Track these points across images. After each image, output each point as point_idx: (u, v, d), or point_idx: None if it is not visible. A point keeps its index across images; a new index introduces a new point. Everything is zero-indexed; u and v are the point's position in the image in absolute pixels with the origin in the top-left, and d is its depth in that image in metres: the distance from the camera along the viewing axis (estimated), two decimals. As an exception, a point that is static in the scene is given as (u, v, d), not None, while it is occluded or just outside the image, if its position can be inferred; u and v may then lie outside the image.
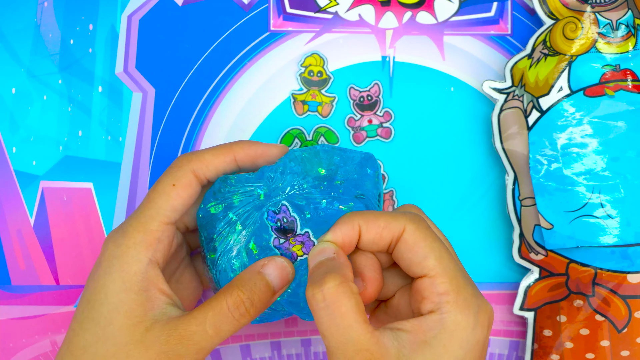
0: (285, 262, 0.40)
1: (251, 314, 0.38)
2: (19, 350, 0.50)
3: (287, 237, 0.41)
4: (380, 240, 0.38)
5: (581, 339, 0.49)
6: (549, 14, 0.49)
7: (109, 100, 0.51)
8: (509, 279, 0.51)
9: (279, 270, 0.39)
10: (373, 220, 0.38)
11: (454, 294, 0.36)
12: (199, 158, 0.40)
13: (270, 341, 0.51)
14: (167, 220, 0.39)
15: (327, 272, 0.36)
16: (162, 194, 0.39)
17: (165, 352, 0.37)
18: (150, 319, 0.38)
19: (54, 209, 0.50)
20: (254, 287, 0.39)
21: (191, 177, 0.40)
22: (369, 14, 0.51)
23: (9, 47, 0.51)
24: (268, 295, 0.39)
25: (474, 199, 0.51)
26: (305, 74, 0.51)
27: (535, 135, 0.48)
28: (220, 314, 0.38)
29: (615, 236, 0.47)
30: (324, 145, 0.43)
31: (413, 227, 0.37)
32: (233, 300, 0.38)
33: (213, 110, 0.51)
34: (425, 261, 0.36)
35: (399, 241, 0.37)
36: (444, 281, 0.36)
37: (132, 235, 0.39)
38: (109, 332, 0.38)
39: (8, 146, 0.51)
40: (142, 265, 0.39)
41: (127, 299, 0.38)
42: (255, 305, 0.38)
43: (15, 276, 0.50)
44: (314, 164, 0.42)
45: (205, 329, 0.38)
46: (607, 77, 0.48)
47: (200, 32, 0.51)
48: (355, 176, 0.42)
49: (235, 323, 0.38)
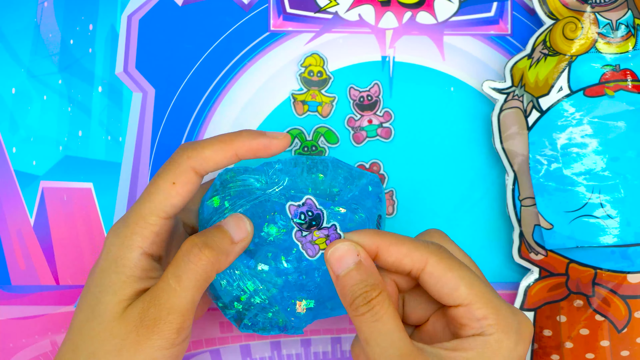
0: (243, 216, 0.40)
1: (207, 255, 0.38)
2: (19, 350, 0.50)
3: (310, 230, 0.40)
4: (399, 266, 0.38)
5: (581, 339, 0.49)
6: (548, 14, 0.49)
7: (109, 100, 0.51)
8: (509, 279, 0.51)
9: (235, 221, 0.40)
10: (395, 244, 0.37)
11: (494, 317, 0.36)
12: (199, 154, 0.40)
13: (270, 341, 0.51)
14: (165, 215, 0.40)
15: (365, 282, 0.36)
16: (162, 191, 0.40)
17: (141, 321, 0.38)
18: (133, 296, 0.39)
19: (54, 209, 0.50)
20: (209, 233, 0.39)
21: (191, 175, 0.40)
22: (369, 14, 0.51)
23: (9, 47, 0.51)
24: (225, 241, 0.39)
25: (474, 199, 0.51)
26: (305, 74, 0.51)
27: (535, 135, 0.48)
28: (177, 261, 0.38)
29: (615, 236, 0.47)
30: (334, 160, 0.43)
31: (436, 259, 0.37)
32: (187, 245, 0.38)
33: (213, 110, 0.51)
34: (457, 292, 0.36)
35: (424, 273, 0.37)
36: (480, 307, 0.36)
37: (131, 226, 0.40)
38: (97, 311, 0.39)
39: (8, 146, 0.51)
40: (136, 254, 0.39)
41: (117, 280, 0.39)
42: (210, 245, 0.38)
43: (15, 276, 0.50)
44: (326, 183, 0.42)
45: (168, 283, 0.38)
46: (607, 77, 0.48)
47: (200, 32, 0.51)
48: (357, 193, 0.42)
49: (192, 266, 0.38)
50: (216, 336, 0.50)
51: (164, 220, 0.40)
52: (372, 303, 0.36)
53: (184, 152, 0.40)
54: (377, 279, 0.37)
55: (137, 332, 0.38)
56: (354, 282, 0.37)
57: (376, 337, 0.35)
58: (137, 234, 0.39)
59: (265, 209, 0.41)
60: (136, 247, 0.39)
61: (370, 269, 0.37)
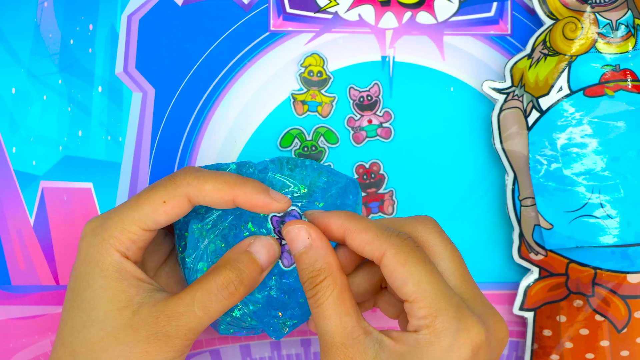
0: (272, 240, 0.40)
1: (240, 293, 0.38)
2: (19, 350, 0.50)
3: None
4: (361, 253, 0.38)
5: (581, 339, 0.49)
6: (548, 14, 0.49)
7: (109, 100, 0.51)
8: (509, 279, 0.51)
9: (266, 248, 0.40)
10: (361, 231, 0.37)
11: (431, 319, 0.36)
12: (199, 186, 0.39)
13: (270, 341, 0.51)
14: (146, 227, 0.39)
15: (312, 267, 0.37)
16: (151, 204, 0.39)
17: (154, 334, 0.38)
18: (136, 303, 0.38)
19: (54, 209, 0.50)
20: (242, 266, 0.39)
21: (184, 201, 0.39)
22: (369, 14, 0.51)
23: (9, 47, 0.51)
24: (256, 273, 0.39)
25: (474, 199, 0.51)
26: (305, 74, 0.51)
27: (535, 135, 0.48)
28: (209, 294, 0.38)
29: (615, 236, 0.47)
30: (313, 162, 0.43)
31: (393, 252, 0.37)
32: (222, 280, 0.38)
33: (213, 110, 0.51)
34: (404, 287, 0.36)
35: (381, 264, 0.37)
36: (422, 306, 0.36)
37: (109, 229, 0.39)
38: (94, 317, 0.38)
39: (8, 146, 0.51)
40: (116, 258, 0.39)
41: (107, 285, 0.39)
42: (245, 283, 0.39)
43: (15, 276, 0.50)
44: (297, 179, 0.42)
45: (193, 310, 0.38)
46: (607, 77, 0.48)
47: (200, 32, 0.51)
48: (338, 202, 0.42)
49: (225, 302, 0.38)
50: (216, 336, 0.50)
51: (144, 231, 0.40)
52: (317, 288, 0.37)
53: (185, 177, 0.40)
54: (325, 262, 0.37)
55: (147, 342, 0.38)
56: (303, 266, 0.37)
57: (318, 321, 0.36)
58: (114, 237, 0.39)
59: (243, 218, 0.41)
60: (113, 251, 0.39)
61: (320, 250, 0.37)
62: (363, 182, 0.51)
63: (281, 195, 0.40)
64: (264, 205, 0.39)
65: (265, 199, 0.39)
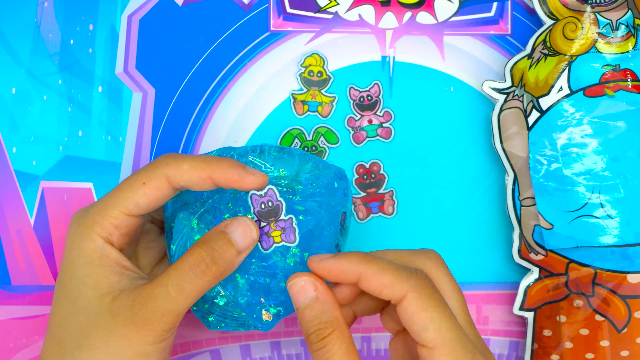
0: (249, 222, 0.40)
1: (213, 272, 0.38)
2: (19, 350, 0.50)
3: (268, 222, 0.41)
4: (379, 295, 0.37)
5: (581, 339, 0.49)
6: (548, 14, 0.49)
7: (109, 100, 0.51)
8: (509, 279, 0.51)
9: (243, 228, 0.39)
10: (377, 274, 0.37)
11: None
12: (177, 165, 0.39)
13: (270, 341, 0.51)
14: (128, 212, 0.40)
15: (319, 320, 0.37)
16: (131, 188, 0.40)
17: (130, 318, 0.38)
18: (117, 289, 0.39)
19: (54, 209, 0.50)
20: (216, 245, 0.39)
21: (163, 181, 0.40)
22: (369, 14, 0.51)
23: (9, 47, 0.51)
24: (231, 254, 0.39)
25: (474, 199, 0.51)
26: (305, 74, 0.51)
27: (535, 135, 0.48)
28: (182, 273, 0.38)
29: (615, 236, 0.47)
30: (299, 151, 0.43)
31: (414, 295, 0.36)
32: (194, 258, 0.38)
33: (213, 110, 0.51)
34: (424, 333, 0.36)
35: (400, 306, 0.37)
36: (442, 354, 0.36)
37: (92, 217, 0.40)
38: (79, 305, 0.39)
39: (8, 146, 0.51)
40: (98, 244, 0.39)
41: (90, 272, 0.39)
42: (217, 262, 0.38)
43: (15, 276, 0.50)
44: (278, 165, 0.42)
45: (167, 290, 0.38)
46: (607, 77, 0.48)
47: (200, 32, 0.51)
48: (322, 190, 0.42)
49: (197, 281, 0.38)
50: (216, 336, 0.50)
51: (126, 216, 0.40)
52: (325, 341, 0.36)
53: (163, 159, 0.40)
54: (332, 316, 0.37)
55: (125, 326, 0.38)
56: (309, 319, 0.37)
57: None
58: (97, 223, 0.39)
59: (223, 199, 0.41)
60: (96, 236, 0.39)
61: (326, 304, 0.37)
62: (363, 182, 0.51)
63: (258, 171, 0.40)
64: (240, 179, 0.39)
65: (240, 173, 0.39)
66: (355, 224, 0.50)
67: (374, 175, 0.51)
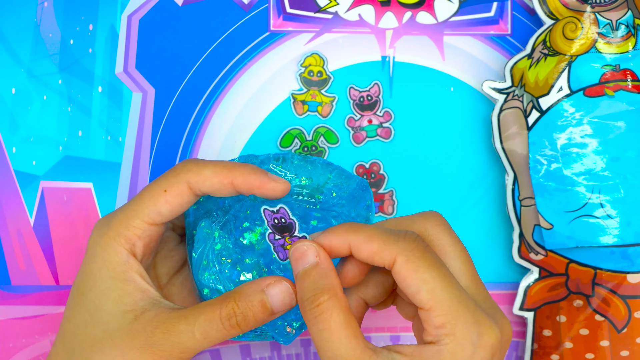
0: (291, 289, 0.38)
1: (242, 328, 0.38)
2: (18, 350, 0.50)
3: (283, 235, 0.40)
4: (372, 263, 0.36)
5: (581, 339, 0.49)
6: (548, 14, 0.49)
7: (109, 100, 0.51)
8: (509, 279, 0.51)
9: (283, 295, 0.38)
10: (366, 241, 0.36)
11: (450, 327, 0.35)
12: (199, 171, 0.39)
13: (270, 341, 0.51)
14: (151, 221, 0.39)
15: (315, 285, 0.35)
16: (152, 196, 0.39)
17: (149, 345, 0.37)
18: (140, 308, 0.38)
19: (54, 209, 0.50)
20: (251, 304, 0.37)
21: (184, 188, 0.39)
22: (369, 14, 0.51)
23: (9, 47, 0.51)
24: (264, 315, 0.38)
25: (474, 199, 0.51)
26: (305, 74, 0.51)
27: (535, 135, 0.48)
28: (212, 320, 0.37)
29: (615, 236, 0.47)
30: (322, 160, 0.43)
31: (404, 258, 0.35)
32: (226, 312, 0.37)
33: (213, 110, 0.51)
34: (418, 295, 0.35)
35: (393, 271, 0.35)
36: (439, 314, 0.34)
37: (115, 227, 0.39)
38: (97, 318, 0.38)
39: (8, 146, 0.51)
40: (122, 256, 0.39)
41: (114, 287, 0.38)
42: (248, 321, 0.37)
43: (15, 276, 0.50)
44: (300, 175, 0.42)
45: (193, 331, 0.37)
46: (607, 77, 0.48)
47: (200, 32, 0.51)
48: (343, 201, 0.42)
49: (225, 332, 0.37)
50: (216, 336, 0.50)
51: (148, 225, 0.39)
52: (320, 309, 0.35)
53: (185, 165, 0.40)
54: (329, 283, 0.36)
55: (141, 351, 0.37)
56: (306, 285, 0.36)
57: (323, 345, 0.35)
58: (120, 235, 0.39)
59: (243, 207, 0.41)
60: (121, 248, 0.39)
61: (325, 271, 0.36)
62: (363, 182, 0.51)
63: (279, 178, 0.39)
64: (261, 185, 0.39)
65: (262, 179, 0.39)
66: (355, 224, 0.50)
67: (374, 175, 0.51)
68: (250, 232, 0.41)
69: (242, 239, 0.41)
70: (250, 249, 0.41)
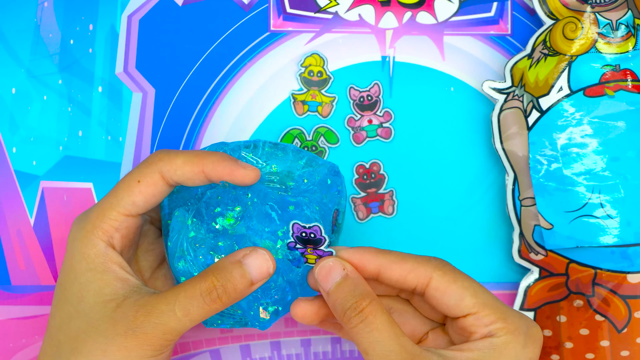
0: (268, 255, 0.39)
1: (223, 301, 0.38)
2: (18, 350, 0.50)
3: (305, 247, 0.40)
4: (403, 283, 0.38)
5: (581, 339, 0.49)
6: (548, 14, 0.49)
7: (109, 100, 0.51)
8: (509, 279, 0.51)
9: (260, 262, 0.39)
10: (398, 262, 0.38)
11: (502, 321, 0.37)
12: (170, 160, 0.40)
13: (270, 341, 0.51)
14: (126, 212, 0.40)
15: (353, 293, 0.37)
16: (126, 187, 0.40)
17: (132, 329, 0.37)
18: (121, 296, 0.39)
19: (54, 209, 0.50)
20: (230, 276, 0.38)
21: (157, 178, 0.40)
22: (369, 14, 0.51)
23: (9, 47, 0.51)
24: (243, 285, 0.38)
25: (474, 199, 0.51)
26: (305, 74, 0.51)
27: (535, 136, 0.48)
28: (192, 297, 0.38)
29: (615, 236, 0.47)
30: (293, 147, 0.43)
31: (440, 272, 0.38)
32: (206, 286, 0.38)
33: (213, 110, 0.51)
34: (463, 302, 0.37)
35: (429, 288, 0.38)
36: (488, 313, 0.37)
37: (92, 221, 0.40)
38: (80, 310, 0.39)
39: (8, 146, 0.51)
40: (100, 248, 0.39)
41: (93, 278, 0.39)
42: (229, 292, 0.38)
43: (15, 276, 0.50)
44: (270, 162, 0.42)
45: (174, 309, 0.37)
46: (607, 77, 0.48)
47: (200, 32, 0.51)
48: (314, 187, 0.42)
49: (206, 308, 0.38)
50: (216, 336, 0.50)
51: (124, 216, 0.40)
52: (364, 313, 0.36)
53: (157, 155, 0.40)
54: (366, 289, 0.37)
55: (125, 337, 0.37)
56: (343, 295, 0.37)
57: (374, 347, 0.36)
58: (97, 228, 0.39)
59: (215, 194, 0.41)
60: (98, 240, 0.39)
61: (357, 280, 0.38)
62: (363, 182, 0.51)
63: (249, 165, 0.40)
64: (231, 172, 0.39)
65: (231, 166, 0.39)
66: (355, 224, 0.50)
67: (374, 175, 0.51)
68: (223, 217, 0.41)
69: (215, 223, 0.41)
70: (223, 234, 0.41)
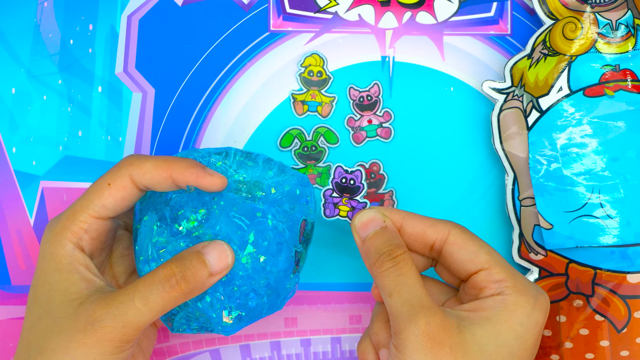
0: (226, 247, 0.40)
1: (182, 288, 0.38)
2: (19, 350, 0.50)
3: (342, 196, 0.41)
4: (423, 237, 0.41)
5: (581, 339, 0.49)
6: (548, 14, 0.49)
7: (109, 100, 0.51)
8: (509, 279, 0.50)
9: (218, 252, 0.40)
10: (420, 218, 0.41)
11: (512, 280, 0.39)
12: (140, 164, 0.40)
13: (270, 341, 0.51)
14: (96, 214, 0.40)
15: (391, 242, 0.40)
16: (97, 190, 0.40)
17: (91, 324, 0.38)
18: (85, 295, 0.39)
19: (54, 209, 0.50)
20: (189, 263, 0.39)
21: (127, 181, 0.40)
22: (369, 14, 0.51)
23: (9, 47, 0.51)
24: (203, 274, 0.39)
25: (474, 199, 0.51)
26: (305, 74, 0.51)
27: (535, 136, 0.48)
28: (151, 284, 0.38)
29: (615, 236, 0.47)
30: (263, 157, 0.43)
31: (459, 230, 0.41)
32: (165, 273, 0.38)
33: (213, 110, 0.51)
34: (478, 257, 0.40)
35: (447, 243, 0.41)
36: (499, 270, 0.40)
37: (62, 222, 0.40)
38: (49, 310, 0.39)
39: (8, 146, 0.51)
40: (68, 249, 0.40)
41: (60, 279, 0.39)
42: (187, 279, 0.38)
43: (15, 276, 0.50)
44: (240, 171, 0.42)
45: (132, 299, 0.38)
46: (607, 77, 0.48)
47: (200, 32, 0.51)
48: (284, 198, 0.42)
49: (164, 295, 0.38)
50: (216, 336, 0.50)
51: (94, 219, 0.40)
52: (397, 259, 0.39)
53: (127, 159, 0.41)
54: (401, 242, 0.41)
55: (84, 333, 0.38)
56: (381, 242, 0.40)
57: (400, 289, 0.39)
58: (67, 229, 0.40)
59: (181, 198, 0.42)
60: (67, 242, 0.40)
61: (394, 233, 0.41)
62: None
63: (216, 172, 0.41)
64: (197, 178, 0.40)
65: (199, 172, 0.40)
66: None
67: (374, 175, 0.51)
68: (187, 219, 0.41)
69: (178, 225, 0.41)
70: (187, 236, 0.41)
